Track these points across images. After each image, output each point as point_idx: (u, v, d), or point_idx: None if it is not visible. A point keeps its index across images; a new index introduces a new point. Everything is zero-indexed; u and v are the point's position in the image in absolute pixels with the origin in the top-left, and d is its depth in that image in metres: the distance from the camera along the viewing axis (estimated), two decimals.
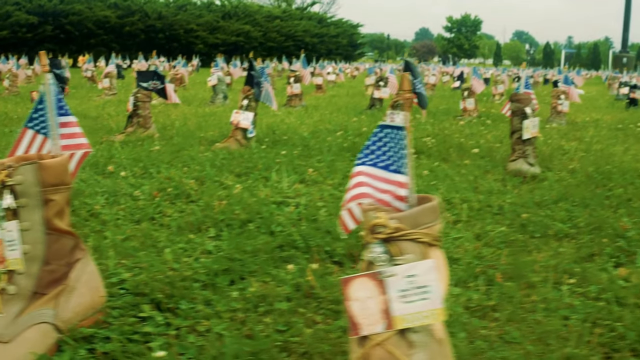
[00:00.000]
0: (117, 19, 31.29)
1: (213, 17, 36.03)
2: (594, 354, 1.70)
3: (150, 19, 32.67)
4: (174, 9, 35.18)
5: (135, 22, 31.94)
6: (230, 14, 37.94)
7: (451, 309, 1.95)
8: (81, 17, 29.72)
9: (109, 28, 30.94)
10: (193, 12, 35.65)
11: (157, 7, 34.42)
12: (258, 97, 4.86)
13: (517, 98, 4.20)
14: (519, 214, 3.00)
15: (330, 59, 38.56)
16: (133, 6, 32.78)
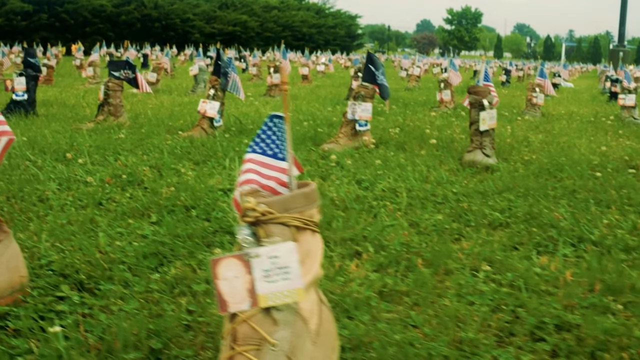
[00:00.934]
0: (113, 8, 31.28)
1: (210, 7, 36.00)
2: (488, 338, 1.75)
3: (146, 8, 32.64)
4: None
5: (131, 11, 31.92)
6: (228, 4, 37.91)
7: (362, 292, 2.01)
8: (77, 5, 29.70)
9: (105, 17, 30.92)
10: (190, 1, 35.62)
11: None
12: (225, 87, 4.90)
13: (475, 90, 4.24)
14: (461, 203, 3.05)
15: (328, 49, 38.58)
16: None
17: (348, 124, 4.49)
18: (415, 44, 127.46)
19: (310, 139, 4.65)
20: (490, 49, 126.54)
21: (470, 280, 2.14)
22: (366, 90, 4.54)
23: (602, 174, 3.76)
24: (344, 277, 2.14)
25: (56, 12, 29.15)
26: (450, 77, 7.56)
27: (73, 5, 29.61)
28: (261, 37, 37.56)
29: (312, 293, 1.46)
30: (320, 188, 3.26)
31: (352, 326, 1.80)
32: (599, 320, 1.83)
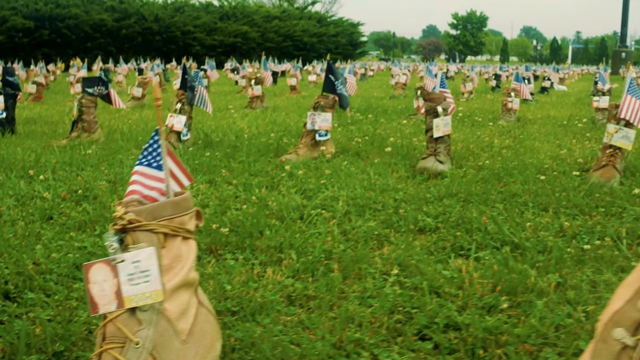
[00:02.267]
0: (113, 22, 31.57)
1: (210, 19, 36.26)
2: (375, 337, 1.85)
3: (147, 22, 32.92)
4: (171, 10, 35.43)
5: (131, 24, 32.20)
6: (229, 15, 38.16)
7: (267, 297, 2.11)
8: (77, 20, 30.00)
9: (106, 31, 31.21)
10: (190, 13, 35.88)
11: (154, 9, 34.66)
12: (191, 101, 5.03)
13: (429, 97, 4.34)
14: (398, 210, 3.15)
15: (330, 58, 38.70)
16: (130, 9, 33.04)
17: (308, 134, 4.60)
18: (421, 50, 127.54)
19: (274, 150, 4.76)
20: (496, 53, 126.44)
21: (378, 283, 2.24)
22: (325, 101, 4.65)
23: (548, 177, 3.84)
24: (257, 283, 2.25)
25: (57, 28, 29.46)
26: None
27: (74, 20, 29.91)
28: (262, 47, 37.69)
29: (183, 295, 1.57)
30: (265, 197, 3.37)
31: (250, 328, 1.90)
32: (484, 320, 1.92)
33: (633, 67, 25.92)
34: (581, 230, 2.84)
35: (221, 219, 2.97)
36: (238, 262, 2.48)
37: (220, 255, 2.57)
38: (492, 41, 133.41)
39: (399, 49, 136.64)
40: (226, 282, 2.24)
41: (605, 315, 1.25)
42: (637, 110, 3.98)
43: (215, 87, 13.94)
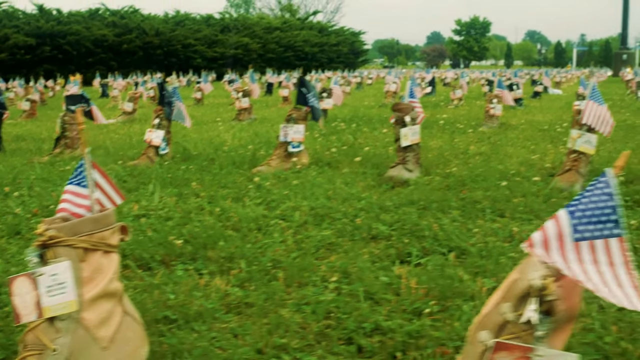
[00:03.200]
0: (114, 37, 31.81)
1: (211, 31, 36.48)
2: (300, 342, 1.92)
3: (148, 36, 33.15)
4: (172, 24, 35.68)
5: (133, 39, 32.43)
6: (230, 27, 38.38)
7: (206, 305, 2.19)
8: (79, 36, 30.26)
9: (107, 46, 31.45)
10: (191, 27, 36.11)
11: (155, 23, 34.92)
12: (169, 116, 5.12)
13: (398, 108, 4.42)
14: (356, 219, 3.22)
15: (331, 68, 38.89)
16: (130, 24, 33.29)
17: (281, 146, 4.68)
18: (425, 57, 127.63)
19: (249, 162, 4.85)
20: (501, 58, 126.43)
21: (317, 291, 2.31)
22: (298, 113, 4.73)
23: (511, 183, 3.91)
24: (201, 292, 2.32)
25: (58, 44, 29.71)
26: None
27: (75, 36, 30.15)
28: (263, 58, 37.95)
29: (104, 304, 1.66)
30: (228, 209, 3.45)
31: (184, 335, 1.98)
32: (409, 324, 2.00)
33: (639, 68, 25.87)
34: (530, 234, 2.89)
35: (180, 231, 3.05)
36: (188, 272, 2.56)
37: (173, 266, 2.65)
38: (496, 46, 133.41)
39: (403, 56, 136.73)
40: (171, 292, 2.32)
41: (476, 319, 1.33)
42: (599, 116, 4.05)
43: (210, 99, 14.06)
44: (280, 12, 59.75)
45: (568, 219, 1.28)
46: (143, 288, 2.40)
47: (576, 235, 1.27)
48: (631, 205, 3.49)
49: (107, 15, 34.09)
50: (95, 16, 33.33)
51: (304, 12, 57.23)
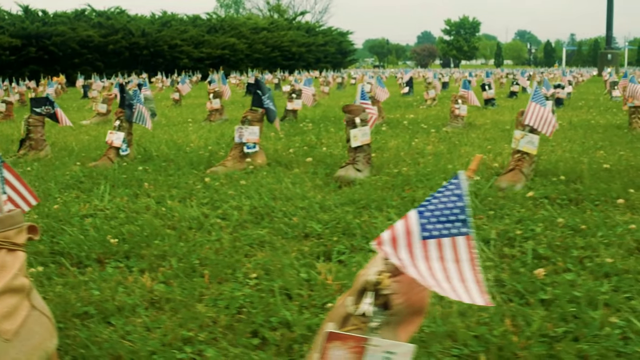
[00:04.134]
0: (100, 38, 31.81)
1: (198, 32, 36.53)
2: (208, 336, 2.02)
3: (134, 37, 33.17)
4: (158, 25, 35.71)
5: (118, 40, 32.45)
6: (216, 28, 38.44)
7: (127, 301, 2.29)
8: (64, 37, 30.25)
9: (93, 47, 31.46)
10: (178, 27, 36.15)
11: (141, 24, 34.95)
12: (129, 118, 5.21)
13: (348, 109, 4.52)
14: (292, 217, 3.33)
15: (319, 68, 38.99)
16: (116, 24, 33.30)
17: (237, 147, 4.78)
18: (415, 56, 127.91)
19: (206, 162, 4.94)
20: (491, 58, 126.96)
21: (236, 286, 2.41)
22: (253, 115, 4.83)
23: None
24: (126, 289, 2.42)
25: (44, 45, 29.69)
26: (377, 93, 7.85)
27: (61, 37, 30.15)
28: (250, 58, 38.03)
29: (8, 299, 1.75)
30: (172, 209, 3.54)
31: (98, 329, 2.07)
32: (315, 318, 2.10)
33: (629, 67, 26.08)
34: None
35: (120, 230, 3.14)
36: (119, 269, 2.65)
37: (106, 264, 2.74)
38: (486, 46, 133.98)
39: (393, 55, 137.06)
40: (96, 288, 2.41)
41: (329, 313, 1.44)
42: (541, 117, 4.16)
43: (191, 99, 14.14)
44: (269, 13, 59.86)
45: (417, 218, 1.38)
46: (72, 285, 2.49)
47: (424, 234, 1.37)
48: (566, 204, 3.59)
49: (93, 16, 34.10)
50: (81, 17, 33.34)
51: (292, 12, 57.31)
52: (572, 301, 2.20)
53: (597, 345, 1.86)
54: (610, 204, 3.55)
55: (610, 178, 4.13)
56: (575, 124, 7.54)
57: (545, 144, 5.88)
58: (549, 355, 1.82)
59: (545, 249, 2.75)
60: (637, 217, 3.27)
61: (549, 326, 1.99)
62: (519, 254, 2.73)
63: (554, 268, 2.56)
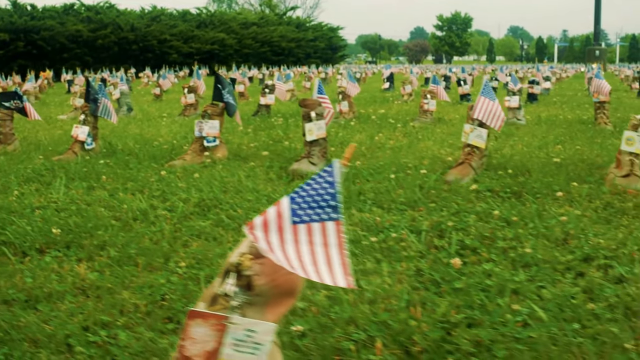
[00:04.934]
0: (89, 33, 31.78)
1: (187, 27, 36.52)
2: (127, 321, 2.10)
3: (123, 31, 33.15)
4: (147, 20, 35.68)
5: (107, 34, 32.42)
6: (206, 23, 38.44)
7: (56, 288, 2.37)
8: (53, 32, 30.21)
9: (82, 42, 31.43)
10: (167, 22, 36.13)
11: (131, 18, 34.92)
12: (94, 112, 5.28)
13: (304, 103, 4.61)
14: (237, 210, 3.41)
15: (308, 63, 39.07)
16: (105, 19, 33.27)
17: (197, 141, 4.86)
18: (408, 52, 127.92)
19: (168, 156, 5.02)
20: (483, 54, 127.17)
21: (164, 275, 2.49)
22: (213, 109, 4.91)
23: (399, 176, 4.11)
24: (59, 277, 2.50)
25: (33, 39, 29.64)
26: (348, 88, 7.93)
27: (49, 32, 30.10)
28: (239, 54, 38.02)
29: None
30: (123, 200, 3.62)
31: (22, 314, 2.15)
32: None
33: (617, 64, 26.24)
34: (393, 224, 3.09)
35: (67, 221, 3.22)
36: (57, 259, 2.73)
37: (47, 253, 2.82)
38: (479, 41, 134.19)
39: (385, 51, 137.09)
40: (30, 276, 2.49)
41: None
42: (490, 111, 4.26)
43: (173, 94, 14.16)
44: (260, 8, 59.79)
45: (289, 203, 1.46)
46: (9, 273, 2.57)
47: (295, 219, 1.45)
48: (508, 197, 3.69)
49: (82, 10, 34.05)
50: (69, 11, 33.28)
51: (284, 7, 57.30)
52: (484, 290, 2.29)
53: (493, 331, 1.95)
54: (550, 196, 3.64)
55: (557, 172, 4.23)
56: (543, 119, 7.64)
57: (509, 139, 5.99)
58: (444, 339, 1.91)
59: (472, 240, 2.84)
60: (572, 210, 3.36)
61: (452, 312, 2.08)
62: (447, 245, 2.81)
63: (477, 258, 2.65)
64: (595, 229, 3.02)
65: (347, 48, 56.07)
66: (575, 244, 2.77)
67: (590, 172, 4.24)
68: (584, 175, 4.16)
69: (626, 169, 4.01)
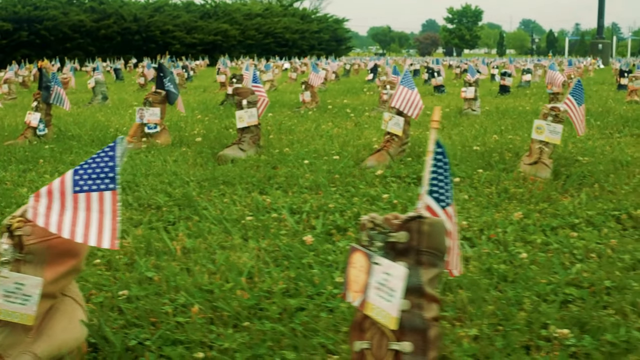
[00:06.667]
0: (92, 23, 32.10)
1: (190, 17, 36.77)
2: None
3: (126, 22, 33.45)
4: (150, 10, 35.95)
5: (110, 25, 32.73)
6: (210, 14, 38.67)
7: None
8: (56, 22, 30.55)
9: (85, 32, 31.75)
10: (170, 13, 36.39)
11: (134, 9, 35.21)
12: (46, 100, 5.51)
13: (237, 92, 4.81)
14: (148, 191, 3.61)
15: (312, 54, 39.21)
16: (108, 9, 33.57)
17: (139, 128, 5.07)
18: (418, 45, 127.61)
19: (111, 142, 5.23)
20: (494, 47, 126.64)
21: None
22: (154, 97, 5.12)
23: (313, 161, 4.31)
24: None
25: (36, 29, 29.99)
26: (311, 78, 8.11)
27: (52, 22, 30.44)
28: (243, 45, 38.25)
29: None
30: (43, 182, 3.83)
31: None
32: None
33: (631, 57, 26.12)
34: (281, 205, 3.28)
35: None
36: None
37: None
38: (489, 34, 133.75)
39: (396, 43, 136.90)
40: None
41: None
42: (408, 100, 4.43)
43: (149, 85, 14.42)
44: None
45: (72, 175, 1.66)
46: None
47: (76, 188, 1.66)
48: (414, 182, 3.86)
49: (85, 0, 34.36)
50: (72, 1, 33.61)
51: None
52: (323, 264, 2.47)
53: (306, 301, 2.13)
54: None
55: (470, 159, 4.40)
56: (500, 110, 7.79)
57: (454, 128, 6.16)
58: (256, 306, 2.09)
59: (346, 221, 3.02)
60: (461, 194, 3.53)
61: (280, 283, 2.27)
62: (322, 225, 2.99)
63: (343, 237, 2.84)
64: (476, 212, 3.19)
65: (352, 40, 56.11)
66: None
67: (504, 161, 4.41)
68: (497, 163, 4.32)
69: (535, 156, 4.18)
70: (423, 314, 1.32)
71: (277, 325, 1.94)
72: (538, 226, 2.97)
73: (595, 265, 2.47)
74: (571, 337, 1.88)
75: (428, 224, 1.33)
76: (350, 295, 1.38)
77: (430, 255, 1.34)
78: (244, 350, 1.79)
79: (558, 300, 2.14)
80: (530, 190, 3.63)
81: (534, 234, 2.86)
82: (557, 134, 4.18)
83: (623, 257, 2.56)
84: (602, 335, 1.87)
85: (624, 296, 2.17)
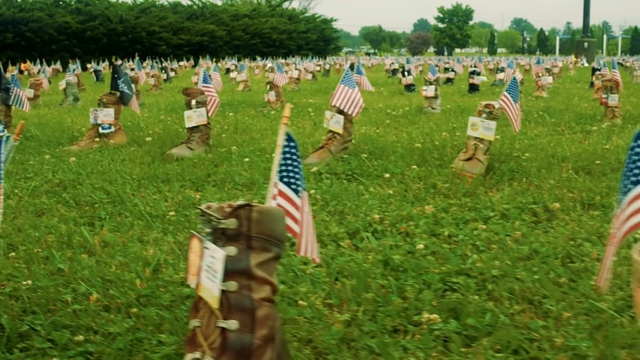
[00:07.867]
0: (78, 24, 32.13)
1: (177, 19, 36.84)
2: None
3: (112, 23, 33.50)
4: (137, 12, 36.00)
5: (96, 26, 32.77)
6: (197, 15, 38.73)
7: None
8: (41, 24, 30.58)
9: (71, 33, 31.79)
10: (157, 14, 36.44)
11: (119, 10, 35.25)
12: (6, 101, 5.62)
13: (187, 92, 4.93)
14: (89, 189, 3.73)
15: (300, 55, 39.33)
16: (94, 11, 33.61)
17: (93, 128, 5.18)
18: (409, 44, 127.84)
19: (69, 142, 5.35)
20: (485, 46, 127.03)
21: None
22: (108, 97, 5.23)
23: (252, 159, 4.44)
24: None
25: (21, 31, 30.01)
26: (276, 78, 8.24)
27: (37, 24, 30.48)
28: (230, 45, 38.33)
29: None
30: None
31: None
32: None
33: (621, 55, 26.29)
34: (210, 200, 3.40)
35: None
36: None
37: None
38: (481, 33, 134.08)
39: (387, 43, 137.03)
40: None
41: None
42: (349, 99, 4.56)
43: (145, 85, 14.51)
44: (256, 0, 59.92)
45: None
46: None
47: None
48: (349, 179, 3.99)
49: (71, 2, 34.38)
50: (58, 3, 33.63)
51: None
52: None
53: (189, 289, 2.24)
54: (381, 178, 3.94)
55: (409, 156, 4.53)
56: (461, 108, 7.92)
57: (410, 126, 6.29)
58: (152, 294, 2.21)
59: None
60: (386, 190, 3.65)
61: (180, 274, 2.39)
62: None
63: None
64: (395, 206, 3.32)
65: (340, 40, 56.26)
66: (351, 219, 3.07)
67: (443, 157, 4.53)
68: (434, 159, 4.45)
69: (470, 152, 4.31)
70: (252, 295, 1.44)
71: (163, 311, 2.06)
72: (452, 219, 3.09)
73: (492, 255, 2.59)
74: (439, 322, 1.99)
75: (257, 211, 1.45)
76: (190, 278, 1.50)
77: (261, 240, 1.46)
78: (125, 334, 1.91)
79: (441, 289, 2.26)
80: (457, 185, 3.75)
81: (444, 227, 2.97)
82: (490, 130, 4.31)
83: (522, 248, 2.68)
84: (466, 319, 1.99)
85: (506, 284, 2.29)
